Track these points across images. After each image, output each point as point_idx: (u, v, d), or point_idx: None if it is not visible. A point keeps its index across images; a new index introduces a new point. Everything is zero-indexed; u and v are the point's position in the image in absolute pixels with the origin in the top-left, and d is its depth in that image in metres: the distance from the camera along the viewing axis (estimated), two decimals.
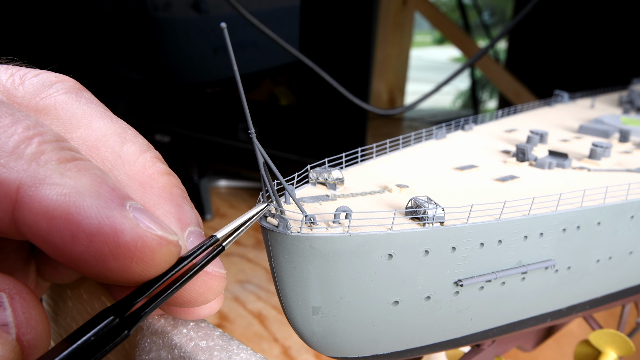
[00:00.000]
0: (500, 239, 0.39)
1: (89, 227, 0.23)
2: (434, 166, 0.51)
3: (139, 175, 0.30)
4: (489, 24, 2.79)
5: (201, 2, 1.24)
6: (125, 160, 0.30)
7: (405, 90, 2.34)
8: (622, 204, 0.46)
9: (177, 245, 0.26)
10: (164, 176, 0.31)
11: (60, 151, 0.25)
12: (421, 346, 0.43)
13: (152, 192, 0.29)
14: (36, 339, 0.24)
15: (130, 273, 0.25)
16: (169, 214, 0.29)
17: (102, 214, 0.24)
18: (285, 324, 0.40)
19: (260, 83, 1.24)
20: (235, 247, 1.20)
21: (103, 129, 0.30)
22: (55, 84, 0.31)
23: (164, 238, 0.25)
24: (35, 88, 0.30)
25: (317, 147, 1.17)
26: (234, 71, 0.28)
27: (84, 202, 0.23)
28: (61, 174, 0.24)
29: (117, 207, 0.24)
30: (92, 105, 0.31)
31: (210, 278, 0.29)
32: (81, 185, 0.24)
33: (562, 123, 0.75)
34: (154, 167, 0.30)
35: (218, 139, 1.32)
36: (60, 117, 0.29)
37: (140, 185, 0.29)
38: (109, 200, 0.24)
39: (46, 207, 0.23)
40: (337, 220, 0.34)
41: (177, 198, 0.30)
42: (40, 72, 0.31)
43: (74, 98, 0.30)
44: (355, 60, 1.05)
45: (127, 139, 0.30)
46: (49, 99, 0.30)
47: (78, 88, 0.32)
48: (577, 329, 0.86)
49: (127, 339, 0.35)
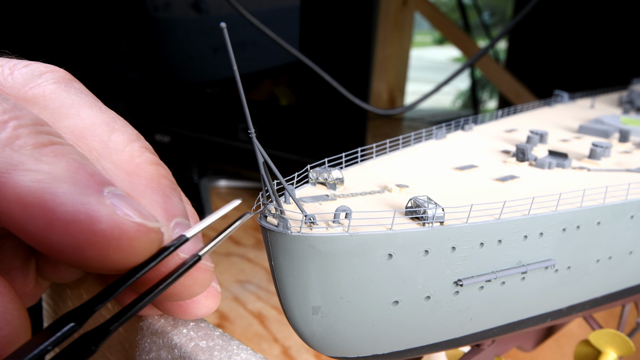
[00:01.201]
0: (500, 239, 0.39)
1: (63, 214, 0.22)
2: (434, 166, 0.51)
3: (126, 164, 0.29)
4: (489, 24, 2.79)
5: (201, 2, 1.24)
6: (113, 149, 0.29)
7: (405, 90, 2.34)
8: (622, 204, 0.46)
9: (158, 233, 0.26)
10: (152, 166, 0.30)
11: (37, 135, 0.24)
12: (421, 346, 0.43)
13: (138, 181, 0.29)
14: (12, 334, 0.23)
15: (108, 261, 0.24)
16: (155, 203, 0.28)
17: (77, 200, 0.23)
18: (285, 324, 0.40)
19: (260, 83, 1.24)
20: (235, 247, 1.20)
21: (91, 118, 0.29)
22: (44, 74, 0.30)
23: (143, 225, 0.24)
24: (25, 78, 0.29)
25: (317, 147, 1.17)
26: (234, 71, 0.28)
27: (58, 188, 0.23)
28: (36, 159, 0.23)
29: (93, 194, 0.23)
30: (81, 95, 0.30)
31: (196, 270, 0.28)
32: (57, 171, 0.23)
33: (562, 123, 0.75)
34: (142, 156, 0.30)
35: (218, 139, 1.32)
36: (48, 106, 0.29)
37: (127, 174, 0.28)
38: (85, 187, 0.23)
39: (19, 194, 0.22)
40: (337, 220, 0.34)
41: (164, 188, 0.29)
42: (30, 63, 0.31)
43: (63, 88, 0.30)
44: (355, 60, 1.05)
45: (115, 128, 0.30)
46: (38, 89, 0.29)
47: (68, 78, 0.31)
48: (577, 329, 0.86)
49: (127, 339, 0.35)
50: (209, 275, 0.29)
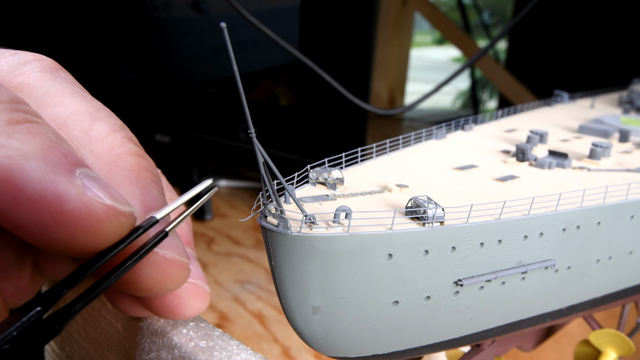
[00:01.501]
0: (500, 239, 0.39)
1: (31, 192, 0.22)
2: (434, 166, 0.51)
3: (105, 154, 0.28)
4: (489, 24, 2.79)
5: (201, 2, 1.24)
6: (94, 138, 0.28)
7: (405, 90, 2.34)
8: (622, 204, 0.46)
9: (130, 217, 0.25)
10: (133, 157, 0.29)
11: (12, 112, 0.24)
12: (421, 346, 0.43)
13: (117, 171, 0.28)
14: None
15: (76, 243, 0.23)
16: (132, 195, 0.28)
17: (46, 178, 0.22)
18: (285, 324, 0.40)
19: (260, 83, 1.24)
20: (235, 247, 1.20)
21: (74, 106, 0.29)
22: (30, 62, 0.30)
23: (113, 208, 0.24)
24: (10, 66, 0.29)
25: (317, 147, 1.17)
26: (234, 71, 0.28)
27: (28, 165, 0.22)
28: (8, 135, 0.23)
29: (64, 173, 0.23)
30: (66, 84, 0.30)
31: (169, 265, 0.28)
32: (28, 149, 0.23)
33: (562, 123, 0.75)
34: (123, 147, 0.29)
35: (218, 139, 1.32)
36: (32, 94, 0.29)
37: (105, 164, 0.28)
38: (56, 165, 0.23)
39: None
40: (337, 220, 0.34)
41: (144, 180, 0.29)
42: (17, 52, 0.30)
43: (48, 76, 0.30)
44: (355, 60, 1.05)
45: (98, 117, 0.29)
46: (23, 77, 0.29)
47: (55, 67, 0.31)
48: (577, 329, 0.86)
49: (127, 339, 0.35)
50: (182, 271, 0.29)
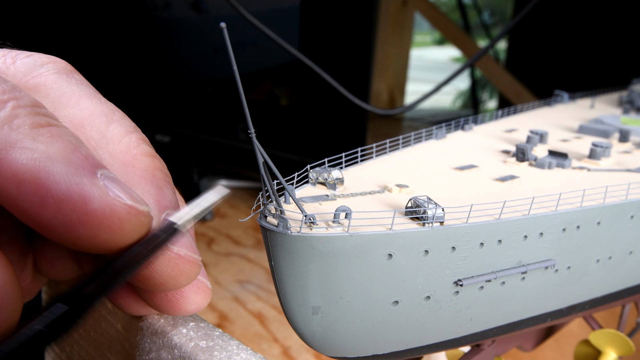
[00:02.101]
0: (500, 239, 0.39)
1: (57, 192, 0.23)
2: (434, 166, 0.51)
3: (122, 154, 0.29)
4: (489, 24, 2.79)
5: (201, 2, 1.24)
6: (110, 139, 0.30)
7: (405, 90, 2.34)
8: (622, 204, 0.46)
9: (148, 216, 0.26)
10: (148, 158, 0.30)
11: (35, 116, 0.25)
12: (421, 346, 0.43)
13: (133, 172, 0.29)
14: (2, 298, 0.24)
15: (98, 241, 0.25)
16: (148, 194, 0.29)
17: (71, 180, 0.23)
18: (285, 324, 0.40)
19: (260, 83, 1.24)
20: (235, 247, 1.20)
21: (90, 108, 0.30)
22: (46, 64, 0.31)
23: (134, 208, 0.25)
24: (27, 67, 0.30)
25: (317, 147, 1.17)
26: (233, 71, 0.28)
27: (54, 167, 0.23)
28: (33, 138, 0.24)
29: (87, 175, 0.24)
30: (81, 86, 0.31)
31: (182, 262, 0.29)
32: (52, 151, 0.24)
33: (562, 123, 0.75)
34: (138, 148, 0.30)
35: (218, 139, 1.32)
36: (49, 95, 0.30)
37: (122, 164, 0.29)
38: (79, 167, 0.24)
39: (15, 171, 0.23)
40: (337, 220, 0.34)
41: (158, 180, 0.30)
42: (33, 54, 0.31)
43: (64, 78, 0.31)
44: (355, 60, 1.05)
45: (113, 119, 0.30)
46: (39, 78, 0.30)
47: (69, 69, 0.32)
48: (577, 329, 0.86)
49: (127, 339, 0.35)
50: (194, 267, 0.30)
